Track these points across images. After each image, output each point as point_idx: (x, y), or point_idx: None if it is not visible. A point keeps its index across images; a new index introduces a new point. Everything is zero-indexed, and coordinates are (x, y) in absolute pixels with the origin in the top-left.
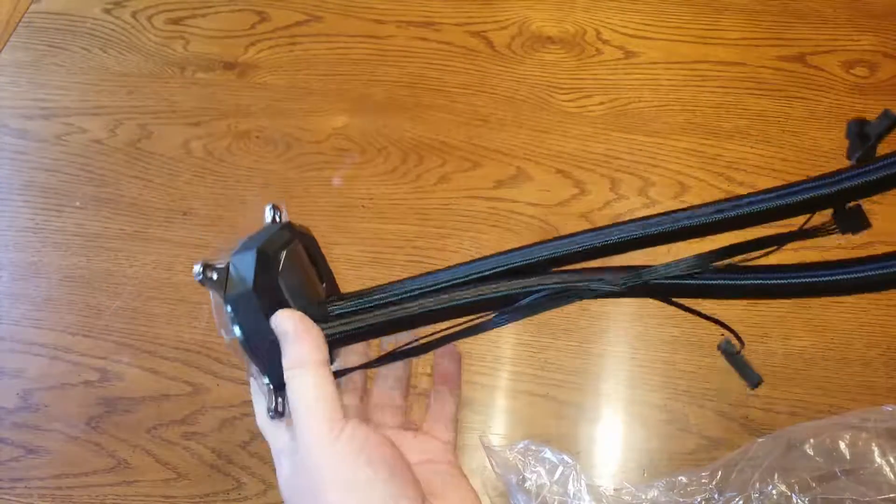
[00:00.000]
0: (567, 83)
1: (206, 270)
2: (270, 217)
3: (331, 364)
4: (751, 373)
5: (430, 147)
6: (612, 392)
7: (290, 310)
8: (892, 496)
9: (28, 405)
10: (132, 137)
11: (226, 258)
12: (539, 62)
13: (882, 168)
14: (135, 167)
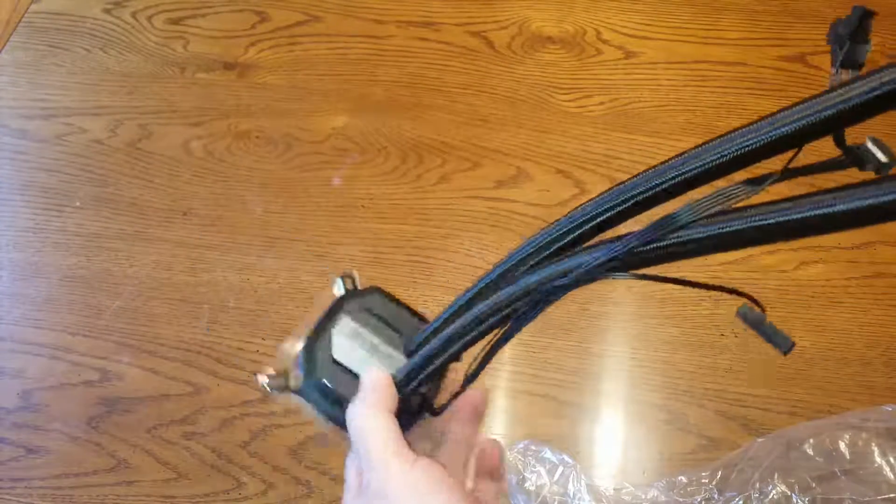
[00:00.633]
0: (567, 83)
1: (272, 383)
2: (341, 289)
3: None
4: (781, 337)
5: (430, 147)
6: (612, 392)
7: (373, 369)
8: (892, 496)
9: (28, 405)
10: (132, 137)
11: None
12: (539, 62)
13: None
14: (135, 167)
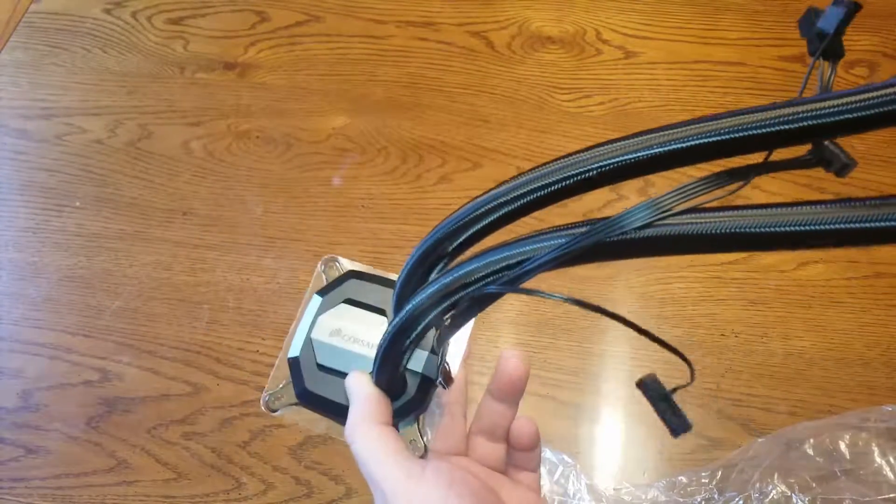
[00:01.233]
0: (567, 83)
1: (270, 403)
2: (323, 273)
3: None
4: (679, 418)
5: (430, 147)
6: (612, 392)
7: (351, 374)
8: (892, 496)
9: (28, 405)
10: (132, 137)
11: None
12: (539, 62)
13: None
14: (135, 167)
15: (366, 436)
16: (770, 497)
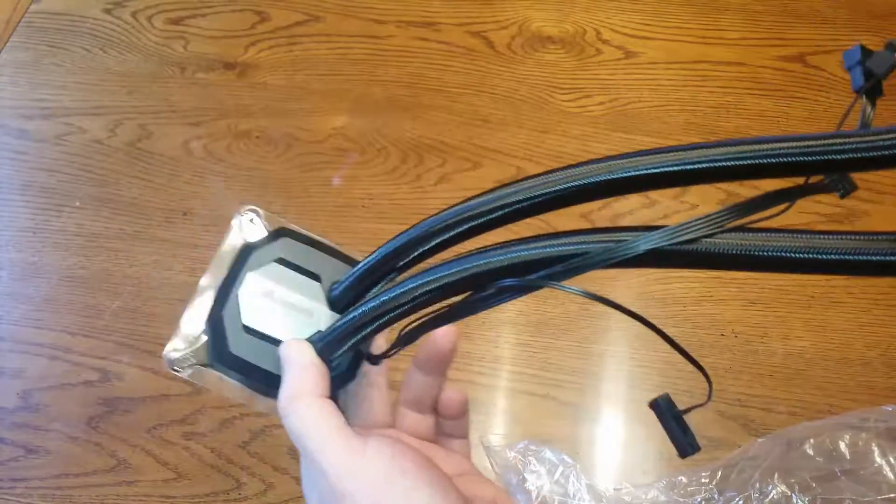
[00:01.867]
0: (567, 83)
1: (180, 362)
2: (241, 228)
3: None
4: (688, 440)
5: (430, 147)
6: (612, 392)
7: (290, 341)
8: (892, 496)
9: (28, 405)
10: (132, 137)
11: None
12: (539, 62)
13: None
14: (135, 167)
15: (308, 408)
16: (770, 497)
